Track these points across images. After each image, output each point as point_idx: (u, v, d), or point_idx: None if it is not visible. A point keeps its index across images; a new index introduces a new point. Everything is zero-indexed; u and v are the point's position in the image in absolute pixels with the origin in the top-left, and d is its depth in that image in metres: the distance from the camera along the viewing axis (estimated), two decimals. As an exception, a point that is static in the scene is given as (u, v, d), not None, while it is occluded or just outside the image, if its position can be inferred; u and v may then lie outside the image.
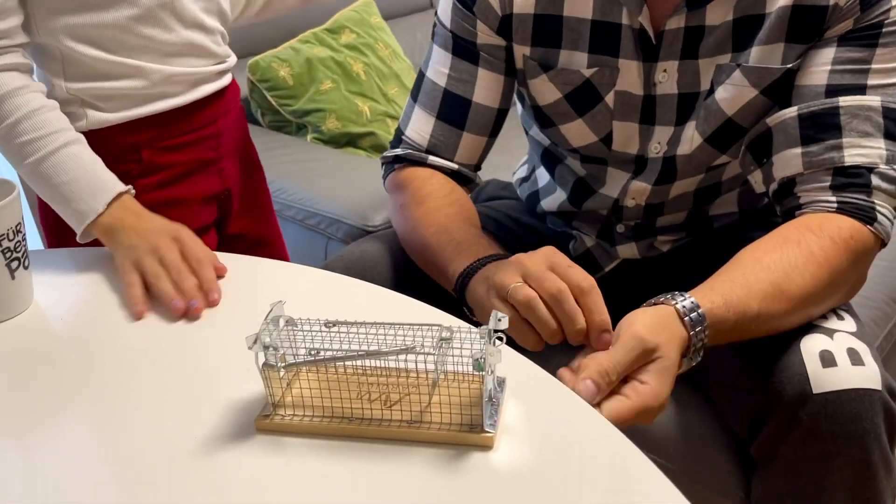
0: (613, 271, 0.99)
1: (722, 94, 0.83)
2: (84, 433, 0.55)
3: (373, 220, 1.42)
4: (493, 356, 0.50)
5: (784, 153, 0.79)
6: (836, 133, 0.77)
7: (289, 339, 0.53)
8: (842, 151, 0.76)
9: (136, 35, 0.86)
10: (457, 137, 0.93)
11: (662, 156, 0.89)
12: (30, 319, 0.69)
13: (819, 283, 0.72)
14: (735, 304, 0.69)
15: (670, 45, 0.83)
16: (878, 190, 0.76)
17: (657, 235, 0.97)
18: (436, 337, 0.52)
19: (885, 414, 0.71)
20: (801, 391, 0.71)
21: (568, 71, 0.87)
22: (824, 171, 0.77)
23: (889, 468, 0.73)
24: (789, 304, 0.72)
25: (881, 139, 0.76)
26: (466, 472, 0.49)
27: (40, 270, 0.74)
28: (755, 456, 0.78)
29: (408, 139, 0.95)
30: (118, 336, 0.65)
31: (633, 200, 0.94)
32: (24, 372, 0.61)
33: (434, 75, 0.93)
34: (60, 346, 0.65)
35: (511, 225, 1.05)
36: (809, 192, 0.78)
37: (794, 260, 0.72)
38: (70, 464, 0.52)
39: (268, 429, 0.54)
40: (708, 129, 0.85)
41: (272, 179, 1.18)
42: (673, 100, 0.86)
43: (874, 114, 0.76)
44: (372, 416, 0.53)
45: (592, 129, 0.91)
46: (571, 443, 0.52)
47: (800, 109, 0.78)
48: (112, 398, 0.58)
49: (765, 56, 0.80)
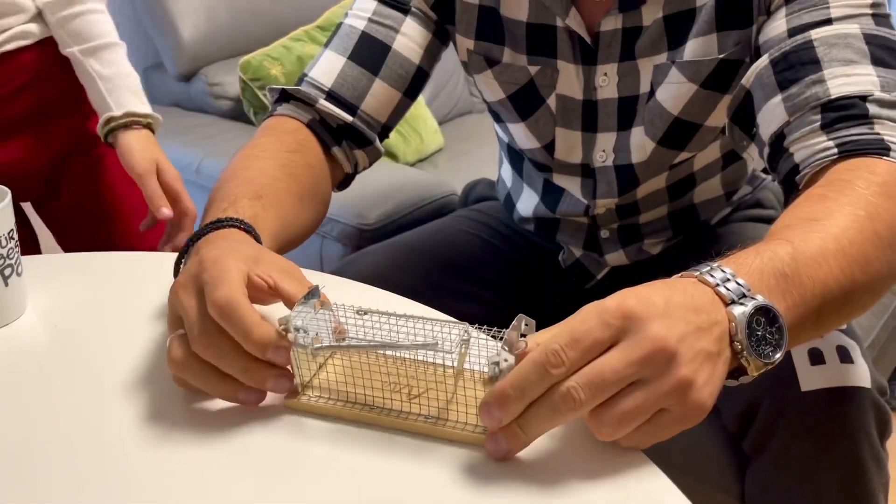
0: (606, 279, 1.00)
1: (663, 94, 0.81)
2: (83, 438, 0.55)
3: (368, 218, 1.42)
4: (507, 362, 0.49)
5: (765, 107, 0.69)
6: (815, 66, 0.66)
7: (320, 322, 0.54)
8: (825, 84, 0.65)
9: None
10: (367, 82, 0.83)
11: (613, 164, 0.88)
12: (24, 327, 0.69)
13: (867, 224, 0.56)
14: (763, 250, 0.53)
15: (608, 46, 0.81)
16: (881, 119, 0.63)
17: (644, 238, 0.97)
18: (458, 335, 0.52)
19: (875, 412, 0.71)
20: (789, 388, 0.72)
21: (514, 67, 0.85)
22: (810, 110, 0.65)
23: (880, 464, 0.74)
24: (840, 245, 0.54)
25: (869, 65, 0.65)
26: (481, 475, 0.50)
27: (34, 277, 0.74)
28: (747, 451, 0.79)
29: (310, 79, 0.83)
30: (115, 341, 0.65)
31: (602, 207, 0.93)
32: (18, 379, 0.62)
33: (352, 20, 0.85)
34: (55, 353, 0.65)
35: (504, 230, 1.05)
36: (800, 141, 0.65)
37: (824, 209, 0.57)
38: (70, 469, 0.52)
39: (296, 408, 0.55)
40: (658, 132, 0.84)
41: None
42: (614, 104, 0.84)
43: (854, 40, 0.66)
44: (393, 406, 0.54)
45: (535, 135, 0.90)
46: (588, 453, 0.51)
47: (770, 55, 0.69)
48: (111, 402, 0.58)
49: (700, 50, 0.78)
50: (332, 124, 0.83)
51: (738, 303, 0.49)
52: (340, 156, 0.84)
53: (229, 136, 1.74)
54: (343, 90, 0.82)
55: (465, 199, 1.22)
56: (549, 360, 0.46)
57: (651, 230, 0.96)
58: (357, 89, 0.83)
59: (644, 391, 0.46)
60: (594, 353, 0.46)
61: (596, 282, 1.00)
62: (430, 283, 0.94)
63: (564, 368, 0.46)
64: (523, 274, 1.02)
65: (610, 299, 0.47)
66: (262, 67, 1.75)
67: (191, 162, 1.67)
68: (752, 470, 0.80)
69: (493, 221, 1.06)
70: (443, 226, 1.06)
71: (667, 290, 0.48)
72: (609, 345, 0.46)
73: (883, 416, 0.72)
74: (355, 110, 0.83)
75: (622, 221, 0.95)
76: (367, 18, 0.84)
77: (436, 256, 0.98)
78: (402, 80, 0.84)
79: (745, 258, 0.52)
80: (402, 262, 0.95)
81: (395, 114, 0.86)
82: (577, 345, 0.46)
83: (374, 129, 0.86)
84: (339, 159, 0.84)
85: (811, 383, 0.71)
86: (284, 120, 0.82)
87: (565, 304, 1.02)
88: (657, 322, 0.46)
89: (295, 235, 0.76)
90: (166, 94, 1.98)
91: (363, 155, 0.86)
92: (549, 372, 0.46)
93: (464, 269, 0.98)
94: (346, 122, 0.83)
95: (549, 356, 0.46)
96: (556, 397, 0.46)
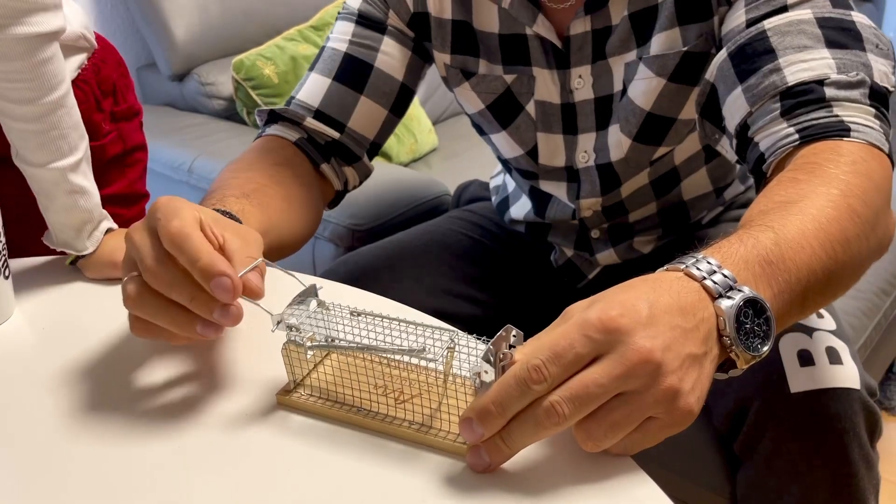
0: (597, 279, 1.00)
1: (633, 90, 0.82)
2: (69, 440, 0.55)
3: (360, 218, 1.42)
4: (487, 374, 0.48)
5: (728, 100, 0.70)
6: (771, 56, 0.67)
7: (312, 322, 0.55)
8: (781, 72, 0.66)
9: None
10: (353, 100, 0.84)
11: (594, 164, 0.89)
12: (11, 330, 0.68)
13: (842, 201, 0.56)
14: (745, 237, 0.53)
15: (579, 49, 0.82)
16: (839, 101, 0.63)
17: (634, 236, 0.97)
18: (444, 343, 0.52)
19: (865, 413, 0.71)
20: (778, 390, 0.72)
21: (490, 77, 0.86)
22: (770, 99, 0.66)
23: (870, 465, 0.74)
24: (819, 225, 0.54)
25: (824, 49, 0.66)
26: (463, 486, 0.49)
27: (21, 280, 0.73)
28: (738, 453, 0.79)
29: (298, 101, 0.85)
30: (103, 344, 0.65)
31: (588, 210, 0.94)
32: (5, 382, 0.61)
33: (334, 43, 0.87)
34: (43, 355, 0.65)
35: (496, 231, 1.05)
36: (763, 130, 0.66)
37: (798, 192, 0.57)
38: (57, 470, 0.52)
39: (286, 404, 0.56)
40: (632, 128, 0.84)
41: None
42: (591, 105, 0.85)
43: (808, 26, 0.67)
44: (380, 409, 0.54)
45: (517, 142, 0.90)
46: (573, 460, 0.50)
47: (728, 49, 0.70)
48: (98, 404, 0.58)
49: (665, 44, 0.79)
50: (321, 141, 0.84)
51: (726, 296, 0.48)
52: (329, 172, 0.85)
53: (222, 135, 1.74)
54: (330, 109, 0.84)
55: (457, 200, 1.22)
56: (531, 376, 0.45)
57: (641, 228, 0.96)
58: (343, 107, 0.84)
59: (630, 403, 0.45)
60: (576, 368, 0.45)
61: (587, 281, 1.00)
62: (422, 283, 0.94)
63: (546, 384, 0.45)
64: (515, 274, 1.02)
65: (592, 310, 0.46)
66: (256, 67, 1.74)
67: (183, 162, 1.66)
68: (742, 471, 0.80)
69: (484, 222, 1.06)
70: (435, 226, 1.06)
71: (651, 293, 0.47)
72: (592, 358, 0.45)
73: (872, 417, 0.72)
74: (343, 127, 0.85)
75: (611, 222, 0.95)
76: (347, 41, 0.86)
77: (428, 257, 0.98)
78: (386, 98, 0.86)
79: (730, 247, 0.52)
80: (395, 263, 0.95)
81: (383, 131, 0.88)
82: (558, 360, 0.45)
83: (363, 145, 0.87)
84: (329, 176, 0.86)
85: (800, 385, 0.71)
86: (271, 139, 0.84)
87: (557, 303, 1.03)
88: (641, 333, 0.45)
89: (285, 239, 0.76)
90: (159, 93, 1.98)
91: (352, 171, 0.88)
92: (530, 387, 0.45)
93: (456, 269, 0.98)
94: (333, 138, 0.84)
95: (531, 372, 0.45)
96: (539, 412, 0.45)
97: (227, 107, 1.85)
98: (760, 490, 0.78)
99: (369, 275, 0.92)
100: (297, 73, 1.76)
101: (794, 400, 0.71)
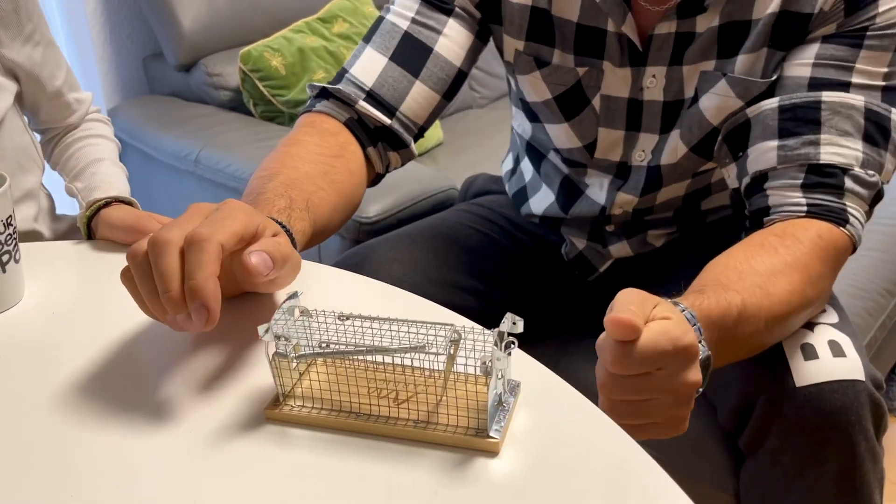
0: (609, 271, 1.00)
1: (706, 103, 0.82)
2: (77, 425, 0.55)
3: (366, 211, 1.42)
4: (500, 360, 0.49)
5: (760, 145, 0.76)
6: (815, 128, 0.73)
7: (301, 330, 0.53)
8: (818, 148, 0.73)
9: None
10: (408, 84, 0.82)
11: (647, 164, 0.89)
12: (21, 314, 0.69)
13: (800, 287, 0.68)
14: (721, 301, 0.64)
15: (659, 50, 0.81)
16: (851, 193, 0.73)
17: (648, 230, 0.97)
18: (447, 337, 0.51)
19: (871, 405, 0.71)
20: (783, 384, 0.72)
21: (563, 69, 0.86)
22: (797, 167, 0.73)
23: (875, 459, 0.74)
24: (773, 306, 0.66)
25: (859, 141, 0.73)
26: (470, 478, 0.49)
27: (31, 265, 0.73)
28: (742, 448, 0.79)
29: (351, 76, 0.83)
30: (112, 329, 0.65)
31: (620, 209, 0.94)
32: (15, 366, 0.62)
33: (395, 17, 0.84)
34: (52, 340, 0.65)
35: (504, 224, 1.05)
36: (779, 189, 0.74)
37: (772, 266, 0.68)
38: (66, 458, 0.52)
39: (276, 418, 0.54)
40: (693, 138, 0.85)
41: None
42: (658, 107, 0.85)
43: (856, 113, 0.73)
44: (380, 413, 0.53)
45: (578, 136, 0.90)
46: (579, 452, 0.51)
47: (781, 101, 0.75)
48: (106, 389, 0.58)
49: (750, 64, 0.79)
50: (370, 125, 0.83)
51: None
52: (374, 156, 0.84)
53: (229, 126, 1.74)
54: (383, 91, 0.82)
55: (464, 194, 1.22)
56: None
57: (656, 224, 0.97)
58: (397, 91, 0.82)
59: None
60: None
61: (598, 275, 1.00)
62: (430, 276, 0.94)
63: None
64: (524, 268, 1.02)
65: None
66: (263, 58, 1.74)
67: (190, 152, 1.66)
68: (747, 466, 0.80)
69: (493, 216, 1.06)
70: (443, 219, 1.06)
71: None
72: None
73: (879, 410, 0.72)
74: (394, 112, 0.83)
75: (631, 220, 0.95)
76: (410, 18, 0.84)
77: (436, 250, 0.98)
78: (442, 83, 0.84)
79: (706, 302, 0.62)
80: (404, 256, 0.95)
81: (433, 116, 0.86)
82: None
83: (411, 131, 0.85)
84: (373, 159, 0.84)
85: (805, 378, 0.72)
86: (324, 118, 0.82)
87: (566, 297, 1.03)
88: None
89: (320, 237, 0.76)
90: (166, 83, 1.97)
91: (396, 156, 0.86)
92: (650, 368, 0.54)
93: (464, 262, 0.98)
94: (384, 124, 0.82)
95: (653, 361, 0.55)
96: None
97: (234, 98, 1.85)
98: (765, 485, 0.78)
99: (380, 267, 0.92)
100: (305, 64, 1.76)
101: (799, 394, 0.71)
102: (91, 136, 0.97)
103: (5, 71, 0.87)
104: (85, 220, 0.82)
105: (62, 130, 0.97)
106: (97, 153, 0.94)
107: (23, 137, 0.90)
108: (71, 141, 0.96)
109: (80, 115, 0.98)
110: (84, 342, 0.64)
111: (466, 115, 2.13)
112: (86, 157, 0.93)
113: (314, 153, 0.77)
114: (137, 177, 1.14)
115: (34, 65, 0.89)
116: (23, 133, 0.90)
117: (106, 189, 0.85)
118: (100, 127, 0.99)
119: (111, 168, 0.92)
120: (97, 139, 0.97)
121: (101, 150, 0.95)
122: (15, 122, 0.89)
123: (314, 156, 0.76)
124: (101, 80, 1.96)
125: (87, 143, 0.95)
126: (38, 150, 0.93)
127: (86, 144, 0.95)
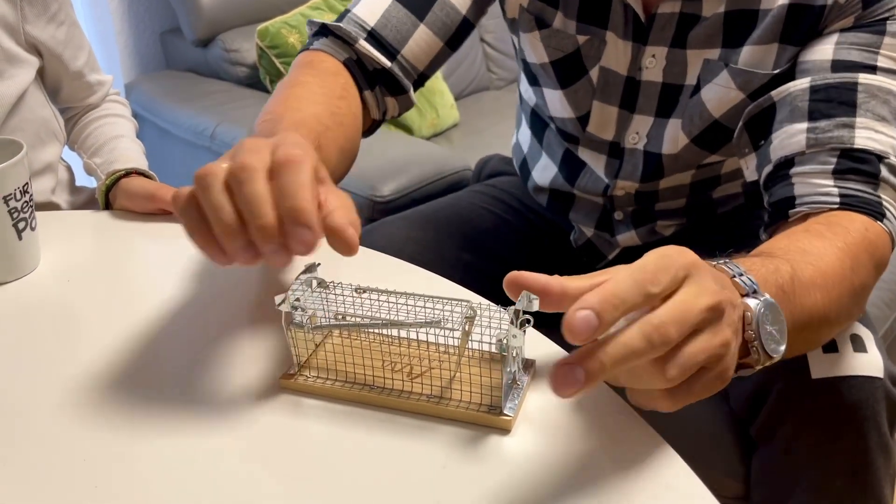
0: (617, 259, 0.99)
1: (708, 94, 0.80)
2: (90, 392, 0.55)
3: (381, 190, 1.41)
4: (515, 338, 0.49)
5: (786, 128, 0.70)
6: (850, 110, 0.67)
7: (318, 301, 0.53)
8: (853, 131, 0.67)
9: None
10: (411, 26, 0.80)
11: (643, 149, 0.87)
12: (36, 280, 0.69)
13: (850, 274, 0.61)
14: (768, 264, 0.55)
15: (662, 29, 0.80)
16: (886, 183, 0.66)
17: (657, 220, 0.96)
18: (462, 313, 0.51)
19: (887, 402, 0.71)
20: (799, 375, 0.71)
21: (563, 34, 0.84)
22: (829, 150, 0.67)
23: (888, 454, 0.73)
24: (827, 284, 0.58)
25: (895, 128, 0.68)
26: (482, 455, 0.49)
27: (47, 233, 0.74)
28: (755, 436, 0.79)
29: (354, 16, 0.80)
30: (127, 297, 0.65)
31: (622, 190, 0.93)
32: (31, 332, 0.62)
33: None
34: (68, 307, 0.65)
35: (517, 205, 1.05)
36: (807, 176, 0.67)
37: (822, 248, 0.60)
38: (76, 423, 0.52)
39: (291, 388, 0.54)
40: (694, 130, 0.83)
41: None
42: (656, 88, 0.83)
43: (893, 98, 0.68)
44: (394, 386, 0.53)
45: (571, 105, 0.88)
46: (591, 431, 0.51)
47: (813, 80, 0.70)
48: (119, 357, 0.58)
49: (757, 57, 0.77)
50: (369, 67, 0.80)
51: (752, 296, 0.50)
52: (371, 101, 0.81)
53: (245, 103, 1.74)
54: (385, 31, 0.79)
55: (478, 175, 1.22)
56: (649, 279, 0.43)
57: (666, 215, 0.96)
58: (400, 32, 0.79)
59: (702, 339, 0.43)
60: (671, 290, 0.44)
61: (606, 262, 0.99)
62: (443, 256, 0.94)
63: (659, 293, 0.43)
64: (534, 251, 1.01)
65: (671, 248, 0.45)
66: (280, 35, 1.73)
67: (206, 128, 1.66)
68: (758, 455, 0.79)
69: (506, 197, 1.06)
70: (457, 199, 1.06)
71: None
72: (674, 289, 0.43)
73: (894, 406, 0.72)
74: (395, 55, 0.80)
75: (638, 206, 0.95)
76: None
77: (450, 230, 0.97)
78: (446, 29, 0.82)
79: (752, 265, 0.53)
80: (418, 235, 0.94)
81: (435, 63, 0.83)
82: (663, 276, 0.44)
83: (411, 76, 0.83)
84: (370, 104, 0.81)
85: (822, 371, 0.71)
86: (323, 57, 0.79)
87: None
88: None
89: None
90: (183, 59, 1.97)
91: (394, 102, 0.83)
92: (647, 288, 0.42)
93: (477, 243, 0.97)
94: (383, 66, 0.80)
95: (648, 284, 0.43)
96: (648, 328, 0.41)
97: (251, 74, 1.85)
98: (776, 474, 0.77)
99: (392, 246, 0.92)
100: (322, 42, 1.75)
101: (815, 386, 0.71)
102: (109, 115, 0.98)
103: (29, 47, 0.88)
104: (104, 189, 0.82)
105: (81, 110, 0.99)
106: (116, 130, 0.95)
107: (44, 111, 0.91)
108: (90, 120, 0.97)
109: (99, 97, 0.99)
110: (100, 309, 0.64)
111: (483, 96, 2.12)
112: (105, 135, 0.94)
113: (318, 94, 0.74)
114: (154, 152, 1.15)
115: (57, 44, 0.90)
116: (44, 106, 0.91)
117: (125, 162, 0.86)
118: (118, 107, 1.01)
119: (130, 144, 0.93)
120: (115, 118, 0.98)
121: (120, 127, 0.96)
122: (36, 97, 0.90)
123: (319, 96, 0.73)
124: (119, 55, 1.96)
125: (105, 122, 0.97)
126: (59, 124, 0.93)
127: (104, 123, 0.97)
